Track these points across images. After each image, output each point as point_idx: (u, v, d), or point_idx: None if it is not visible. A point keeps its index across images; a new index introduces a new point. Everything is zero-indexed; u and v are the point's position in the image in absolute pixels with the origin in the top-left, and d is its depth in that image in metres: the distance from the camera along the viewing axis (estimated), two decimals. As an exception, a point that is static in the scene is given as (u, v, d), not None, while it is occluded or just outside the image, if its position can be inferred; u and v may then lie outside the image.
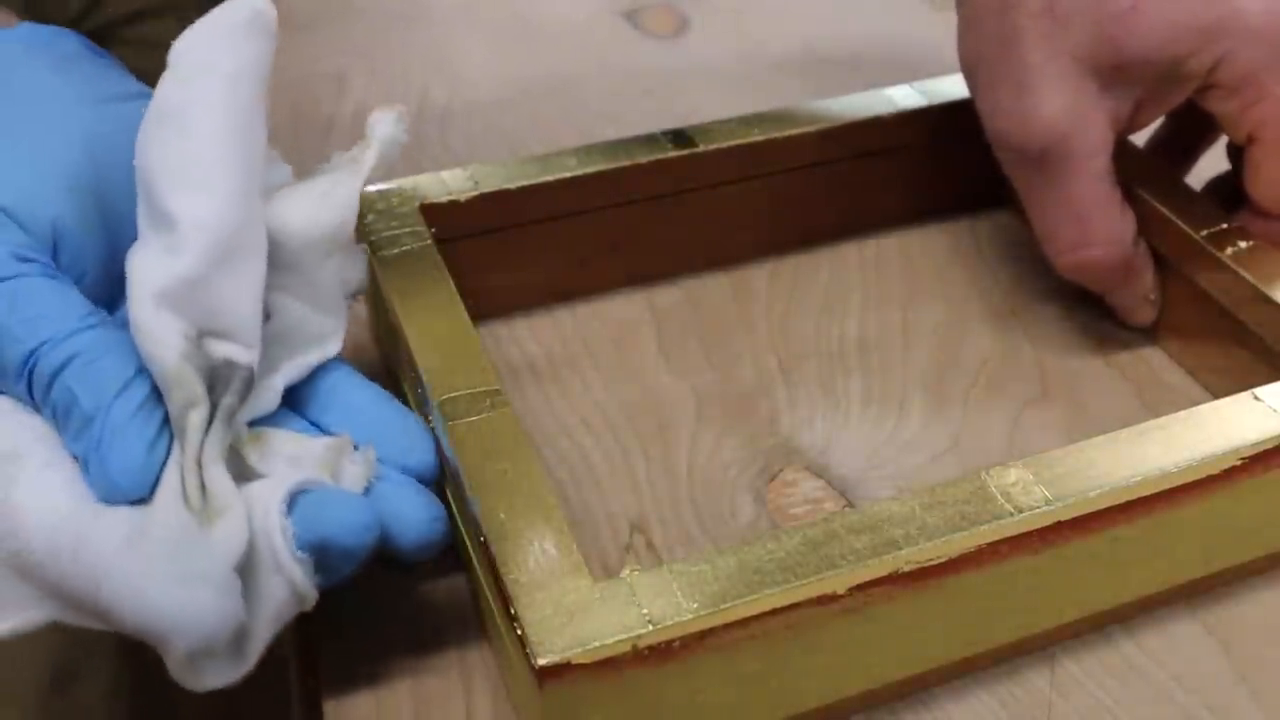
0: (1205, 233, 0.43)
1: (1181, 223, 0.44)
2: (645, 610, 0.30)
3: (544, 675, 0.29)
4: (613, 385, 0.45)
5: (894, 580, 0.32)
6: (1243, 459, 0.35)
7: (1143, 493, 0.34)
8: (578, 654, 0.30)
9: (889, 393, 0.45)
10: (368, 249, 0.42)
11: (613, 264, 0.48)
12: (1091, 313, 0.47)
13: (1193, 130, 0.48)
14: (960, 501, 0.33)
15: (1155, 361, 0.46)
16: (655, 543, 0.39)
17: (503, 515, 0.33)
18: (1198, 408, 0.36)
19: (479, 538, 0.33)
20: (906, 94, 0.49)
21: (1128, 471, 0.34)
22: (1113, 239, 0.44)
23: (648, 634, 0.30)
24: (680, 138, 0.47)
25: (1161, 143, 0.49)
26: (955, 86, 0.49)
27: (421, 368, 0.37)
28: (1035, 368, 0.46)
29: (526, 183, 0.44)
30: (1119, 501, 0.34)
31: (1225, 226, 0.43)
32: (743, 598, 0.31)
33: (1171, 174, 0.47)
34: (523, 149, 0.57)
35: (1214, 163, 0.48)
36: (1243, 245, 0.43)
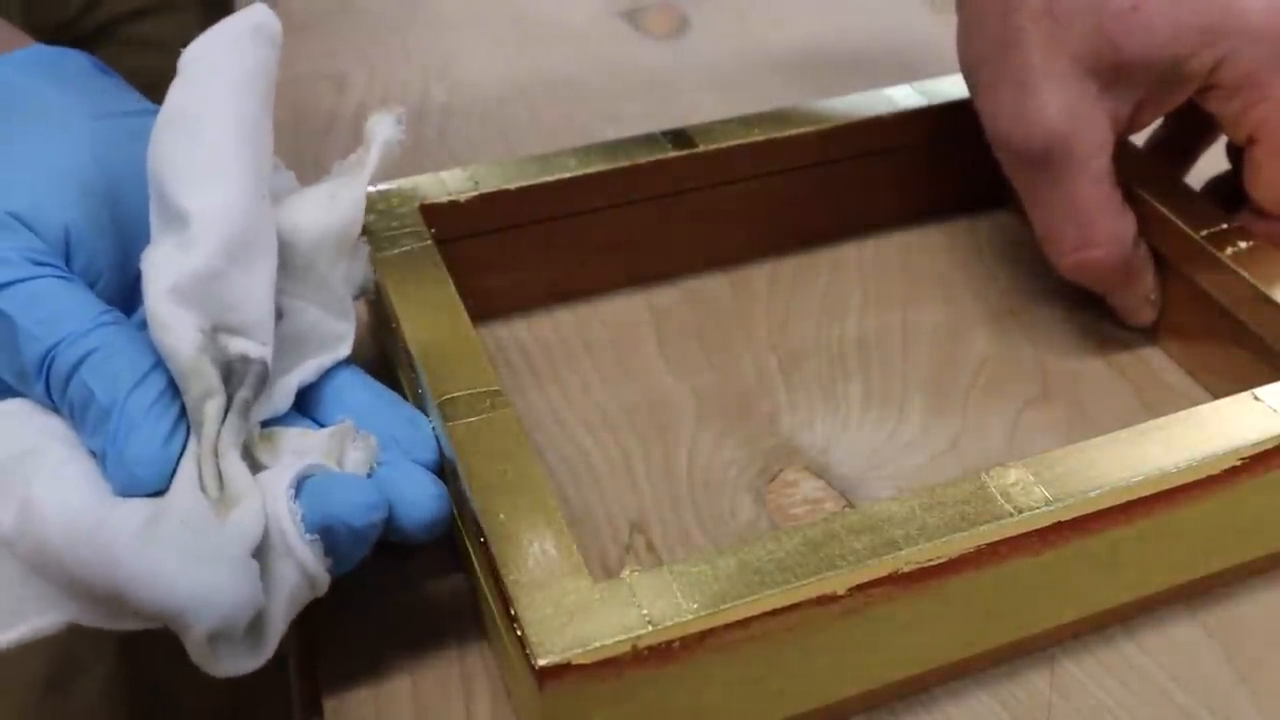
0: (1205, 233, 0.43)
1: (1182, 223, 0.44)
2: (645, 611, 0.30)
3: (544, 675, 0.29)
4: (613, 385, 0.45)
5: (894, 581, 0.32)
6: (1243, 459, 0.35)
7: (1143, 493, 0.34)
8: (578, 654, 0.30)
9: (889, 393, 0.45)
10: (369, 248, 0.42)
11: (613, 264, 0.48)
12: (1092, 313, 0.47)
13: (1192, 130, 0.48)
14: (960, 502, 0.33)
15: (1155, 362, 0.46)
16: (655, 543, 0.39)
17: (503, 515, 0.33)
18: (1198, 408, 0.36)
19: (479, 538, 0.33)
20: (906, 94, 0.49)
21: (1128, 472, 0.34)
22: (1114, 239, 0.44)
23: (648, 634, 0.30)
24: (680, 138, 0.47)
25: (1161, 143, 0.49)
26: (955, 86, 0.49)
27: (421, 368, 0.37)
28: (1035, 368, 0.46)
29: (526, 183, 0.44)
30: (1119, 502, 0.34)
31: (1225, 227, 0.43)
32: (743, 598, 0.31)
33: (1172, 174, 0.47)
34: (523, 149, 0.57)
35: (1214, 163, 0.48)
36: (1243, 245, 0.43)
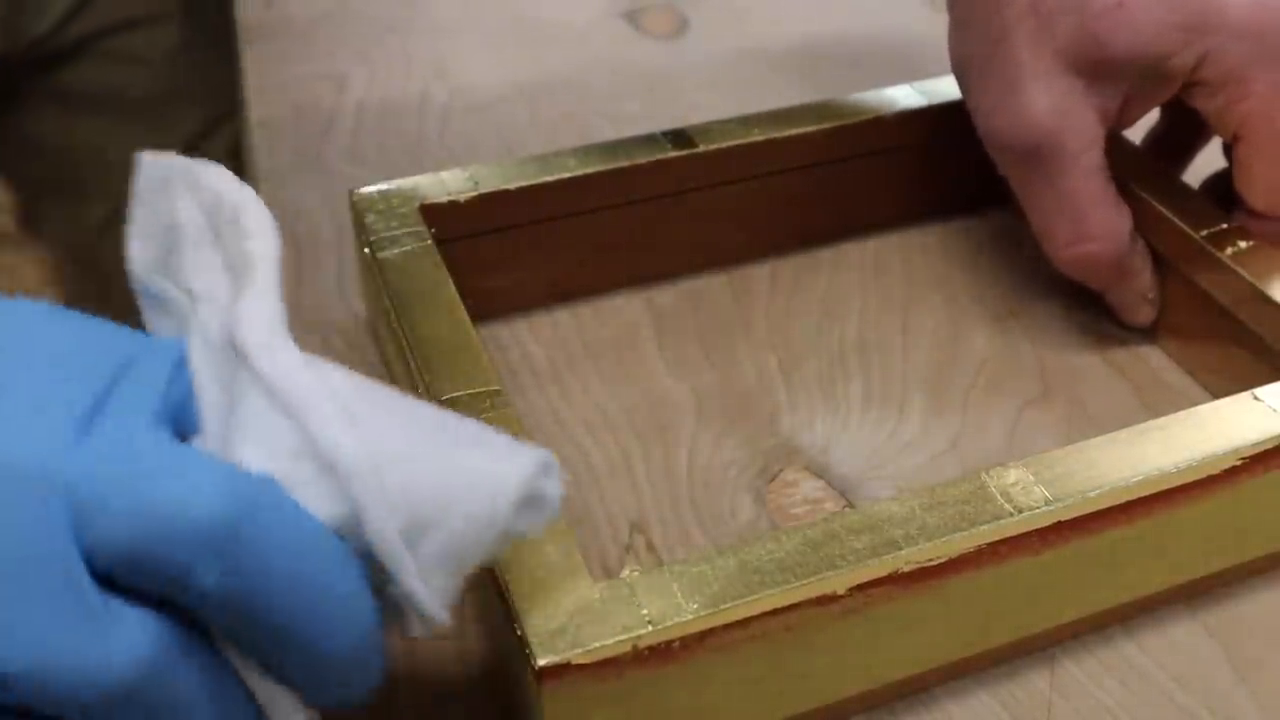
0: (1205, 232, 0.43)
1: (1181, 222, 0.44)
2: (645, 611, 0.30)
3: (544, 676, 0.29)
4: (613, 386, 0.45)
5: (894, 580, 0.32)
6: (1243, 459, 0.35)
7: (1143, 493, 0.34)
8: (578, 654, 0.30)
9: (889, 393, 0.45)
10: (367, 251, 0.42)
11: (613, 264, 0.48)
12: (1091, 313, 0.47)
13: (1188, 126, 0.48)
14: (960, 502, 0.33)
15: (1155, 361, 0.46)
16: (655, 543, 0.39)
17: (503, 516, 0.33)
18: (1198, 408, 0.36)
19: (479, 538, 0.33)
20: (906, 94, 0.49)
21: (1128, 471, 0.34)
22: (1109, 234, 0.44)
23: (648, 634, 0.30)
24: (680, 138, 0.47)
25: (1158, 139, 0.49)
26: (955, 86, 0.48)
27: (421, 368, 0.37)
28: (1035, 368, 0.46)
29: (526, 183, 0.44)
30: (1119, 501, 0.34)
31: (1225, 226, 0.43)
32: (743, 598, 0.31)
33: (1170, 174, 0.47)
34: (523, 149, 0.57)
35: (1213, 163, 0.48)
36: (1242, 245, 0.43)
